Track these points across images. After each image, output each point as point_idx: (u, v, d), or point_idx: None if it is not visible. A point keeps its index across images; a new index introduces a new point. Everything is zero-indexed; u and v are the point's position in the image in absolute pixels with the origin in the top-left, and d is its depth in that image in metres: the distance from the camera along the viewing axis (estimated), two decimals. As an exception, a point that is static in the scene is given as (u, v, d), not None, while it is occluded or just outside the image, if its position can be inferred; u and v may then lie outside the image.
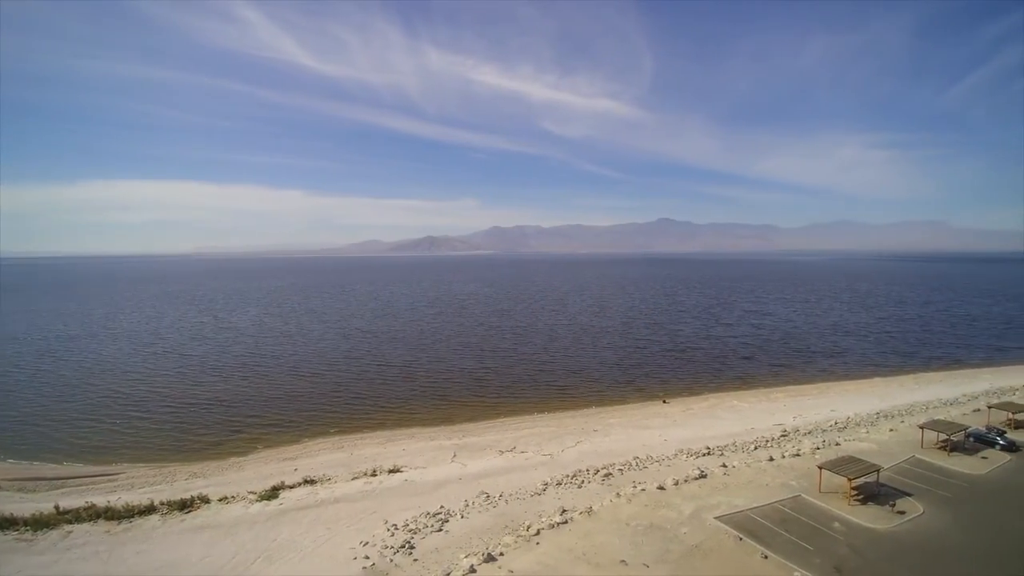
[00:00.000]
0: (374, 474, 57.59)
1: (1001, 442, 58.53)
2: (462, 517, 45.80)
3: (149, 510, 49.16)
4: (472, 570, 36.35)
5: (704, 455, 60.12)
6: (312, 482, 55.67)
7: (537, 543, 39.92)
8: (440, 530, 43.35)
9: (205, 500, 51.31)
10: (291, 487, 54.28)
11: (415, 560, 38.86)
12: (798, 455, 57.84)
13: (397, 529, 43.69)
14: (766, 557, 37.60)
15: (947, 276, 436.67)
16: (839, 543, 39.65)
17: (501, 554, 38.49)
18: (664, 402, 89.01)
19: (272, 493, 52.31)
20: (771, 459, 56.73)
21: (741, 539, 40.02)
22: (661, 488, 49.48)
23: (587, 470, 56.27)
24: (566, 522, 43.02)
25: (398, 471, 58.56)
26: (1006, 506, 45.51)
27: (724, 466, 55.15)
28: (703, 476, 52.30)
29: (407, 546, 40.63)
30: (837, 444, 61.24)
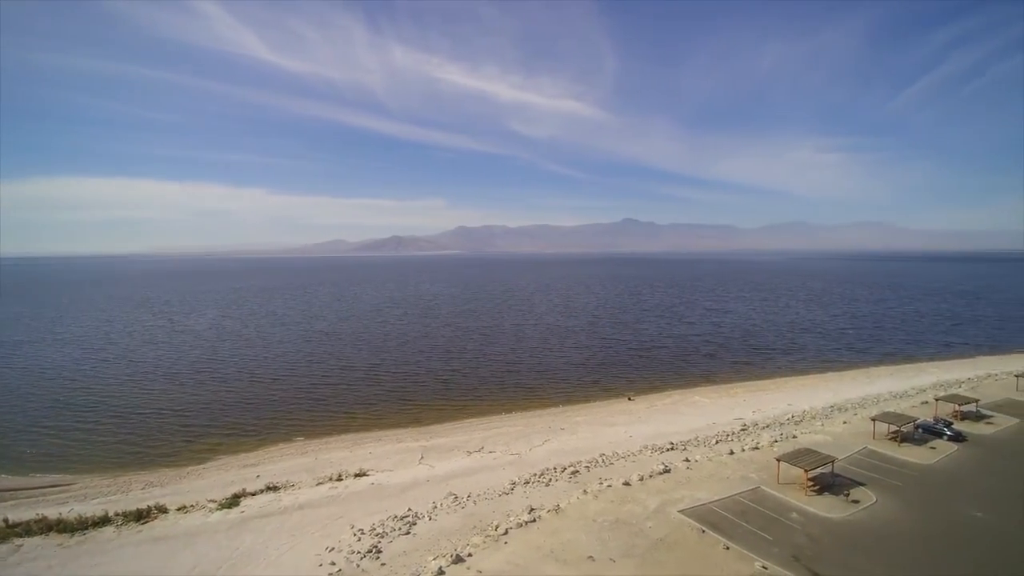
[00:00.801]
0: (339, 478, 56.65)
1: (948, 433, 61.60)
2: (430, 519, 45.55)
3: (104, 521, 47.09)
4: (441, 572, 36.21)
5: (668, 450, 61.43)
6: (275, 488, 54.33)
7: (505, 542, 40.07)
8: (408, 533, 42.99)
9: (163, 510, 49.45)
10: (253, 494, 52.86)
11: (383, 564, 38.43)
12: (757, 448, 59.72)
13: (364, 534, 43.10)
14: (728, 548, 38.73)
15: (896, 275, 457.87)
16: (797, 532, 41.17)
17: (470, 555, 38.47)
18: (629, 399, 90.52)
19: (233, 501, 50.81)
20: (731, 452, 58.41)
21: (704, 531, 41.11)
22: (627, 484, 50.36)
23: (555, 468, 56.76)
24: (534, 520, 43.31)
25: (364, 475, 57.77)
26: (953, 493, 48.09)
27: (687, 460, 56.50)
28: (667, 471, 53.45)
29: (374, 551, 40.14)
30: (794, 437, 63.48)
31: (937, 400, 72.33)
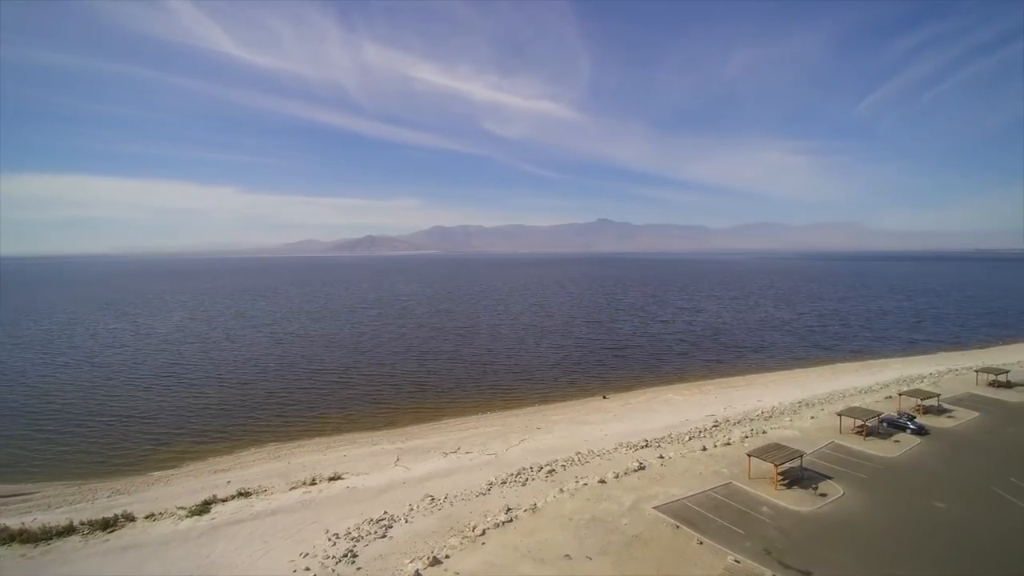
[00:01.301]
0: (313, 483, 55.77)
1: (911, 426, 63.53)
2: (406, 522, 45.20)
3: (69, 531, 45.40)
4: (417, 574, 35.96)
5: (642, 447, 62.22)
6: (247, 494, 53.18)
7: (483, 543, 40.03)
8: (384, 536, 42.58)
9: (130, 518, 47.89)
10: (224, 500, 51.62)
11: (358, 569, 37.99)
12: (729, 444, 60.90)
13: (339, 538, 42.53)
14: (701, 543, 39.42)
15: (861, 274, 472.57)
16: (768, 526, 42.14)
17: (447, 556, 38.32)
18: (604, 398, 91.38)
19: (203, 508, 49.54)
20: (704, 449, 59.44)
21: (678, 527, 41.76)
22: (602, 482, 50.82)
23: (531, 467, 56.93)
24: (511, 520, 43.36)
25: (339, 478, 56.98)
26: (916, 485, 49.75)
27: (661, 457, 57.31)
28: (642, 468, 54.11)
29: (350, 555, 39.65)
30: (764, 432, 64.91)
31: (900, 395, 74.64)
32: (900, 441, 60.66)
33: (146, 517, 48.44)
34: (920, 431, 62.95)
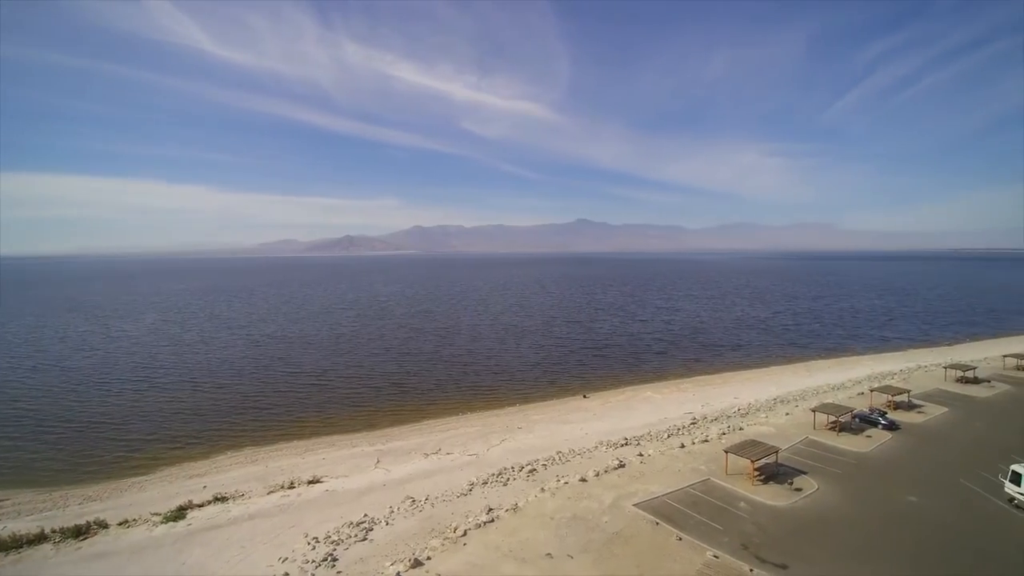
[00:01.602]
0: (292, 486, 54.99)
1: (883, 422, 65.20)
2: (387, 524, 44.85)
3: (40, 539, 44.13)
4: (398, 577, 35.80)
5: (622, 446, 62.77)
6: (223, 499, 52.21)
7: (464, 544, 39.95)
8: (364, 539, 42.19)
9: (103, 525, 46.67)
10: (200, 506, 50.61)
11: (339, 572, 37.56)
12: (706, 441, 61.78)
13: (318, 542, 42.00)
14: (680, 539, 39.93)
15: (835, 273, 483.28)
16: (745, 521, 42.87)
17: (428, 558, 38.15)
18: (584, 397, 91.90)
19: (178, 513, 48.48)
20: (682, 446, 60.21)
21: (658, 524, 42.22)
22: (583, 480, 51.12)
23: (512, 467, 56.98)
24: (492, 520, 43.36)
25: (318, 481, 56.31)
26: (888, 479, 51.12)
27: (641, 455, 57.88)
28: (622, 466, 54.58)
29: (329, 559, 39.19)
30: (740, 429, 66.01)
31: (872, 391, 76.55)
32: (872, 436, 62.19)
33: (119, 524, 47.25)
34: (891, 426, 64.58)
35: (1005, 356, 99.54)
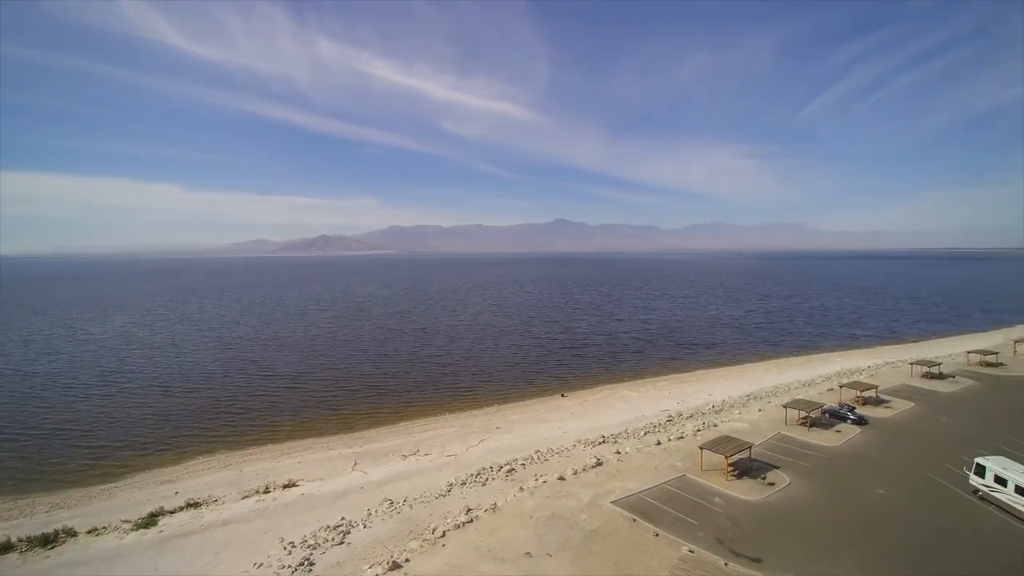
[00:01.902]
0: (267, 491, 54.10)
1: (852, 417, 66.88)
2: (365, 527, 44.47)
3: (6, 548, 42.75)
4: (376, 579, 35.53)
5: (600, 444, 63.29)
6: (196, 505, 51.10)
7: (443, 545, 39.82)
8: (342, 543, 41.76)
9: (71, 533, 45.30)
10: (172, 512, 49.45)
11: (315, 576, 37.21)
12: (682, 438, 62.68)
13: (295, 547, 41.44)
14: (657, 535, 40.46)
15: (806, 272, 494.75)
16: (720, 516, 43.64)
17: (407, 560, 37.93)
18: (563, 396, 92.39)
19: (150, 520, 47.30)
20: (659, 443, 60.97)
21: (635, 520, 42.71)
22: (561, 479, 51.40)
23: (491, 467, 56.99)
24: (471, 521, 43.31)
25: (294, 485, 55.50)
26: (857, 472, 52.50)
27: (618, 453, 58.44)
28: (599, 464, 55.03)
29: (306, 563, 38.69)
30: (715, 425, 67.13)
31: (841, 387, 78.50)
32: (841, 431, 63.75)
33: (88, 532, 45.95)
34: (860, 421, 66.28)
35: (969, 352, 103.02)
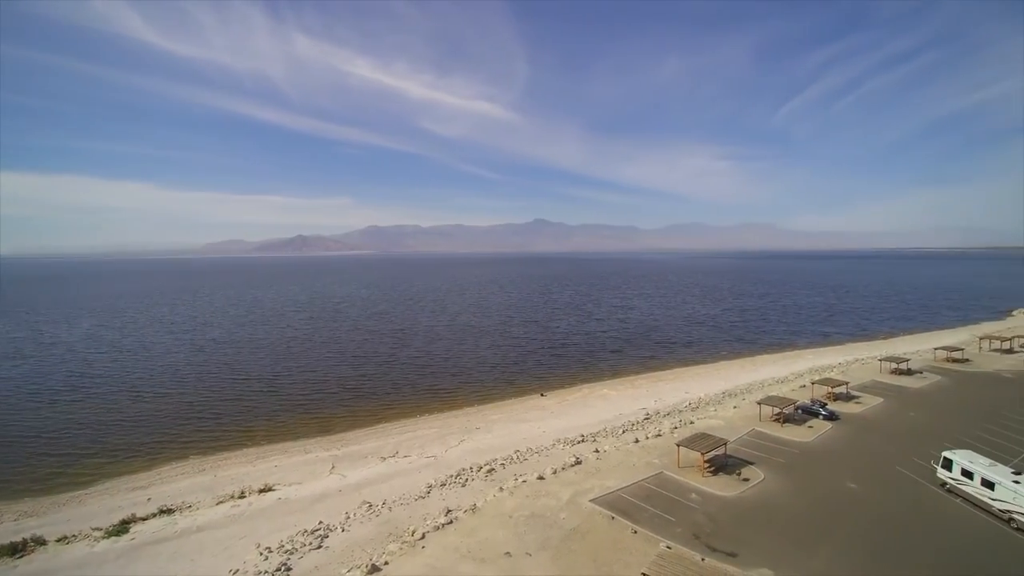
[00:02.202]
0: (242, 495, 53.18)
1: (823, 412, 68.38)
2: (343, 530, 44.04)
3: (-28, 557, 41.21)
4: (355, 583, 35.22)
5: (579, 442, 63.70)
6: (169, 511, 49.98)
7: (423, 547, 39.66)
8: (320, 547, 41.28)
9: (40, 542, 43.97)
10: (144, 519, 48.30)
11: (292, 581, 36.73)
12: (659, 435, 63.46)
13: (271, 552, 40.82)
14: (635, 532, 40.93)
15: (779, 271, 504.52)
16: (696, 512, 44.32)
17: (386, 563, 37.67)
18: (542, 396, 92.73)
19: (121, 528, 46.13)
20: (637, 441, 61.62)
21: (613, 518, 43.12)
22: (541, 478, 51.61)
23: (471, 468, 56.93)
24: (451, 522, 43.22)
25: (270, 490, 54.64)
26: (829, 466, 53.79)
27: (597, 451, 58.89)
28: (579, 462, 55.40)
29: (283, 568, 38.16)
30: (691, 422, 68.09)
31: (813, 383, 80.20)
32: (813, 427, 65.18)
33: (58, 540, 44.65)
34: (831, 417, 67.82)
35: (936, 348, 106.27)
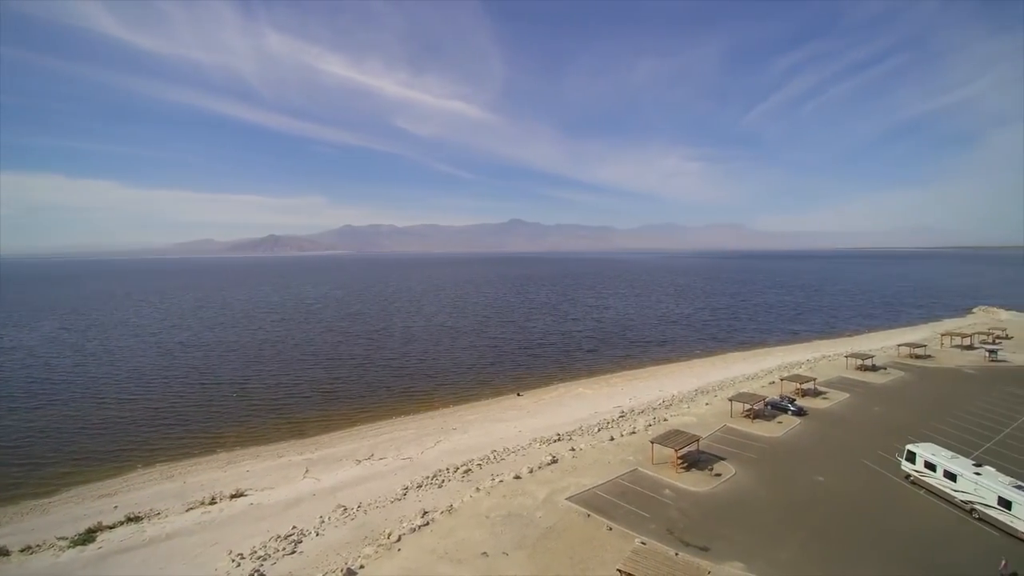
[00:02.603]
0: (213, 502, 52.04)
1: (792, 408, 70.37)
2: (317, 535, 43.48)
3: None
4: (330, 587, 34.83)
5: (555, 441, 64.10)
6: (137, 519, 48.59)
7: (399, 549, 39.45)
8: (293, 552, 40.68)
9: (3, 552, 42.47)
10: (111, 527, 46.89)
11: (265, 588, 36.13)
12: (634, 433, 64.31)
13: (243, 558, 40.08)
14: (611, 529, 41.43)
15: (749, 271, 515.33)
16: (670, 507, 45.08)
17: (361, 567, 37.37)
18: (518, 395, 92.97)
19: (87, 536, 44.72)
20: (612, 439, 62.34)
21: (589, 515, 43.57)
22: (517, 477, 51.81)
23: (447, 469, 56.80)
24: (428, 524, 43.08)
25: (242, 495, 53.61)
26: (797, 460, 55.35)
27: (573, 450, 59.36)
28: (555, 461, 55.77)
29: (256, 574, 37.50)
30: (665, 420, 69.18)
31: (782, 380, 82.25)
32: (783, 422, 66.96)
33: (21, 550, 43.13)
34: (799, 412, 69.77)
35: (899, 345, 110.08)
